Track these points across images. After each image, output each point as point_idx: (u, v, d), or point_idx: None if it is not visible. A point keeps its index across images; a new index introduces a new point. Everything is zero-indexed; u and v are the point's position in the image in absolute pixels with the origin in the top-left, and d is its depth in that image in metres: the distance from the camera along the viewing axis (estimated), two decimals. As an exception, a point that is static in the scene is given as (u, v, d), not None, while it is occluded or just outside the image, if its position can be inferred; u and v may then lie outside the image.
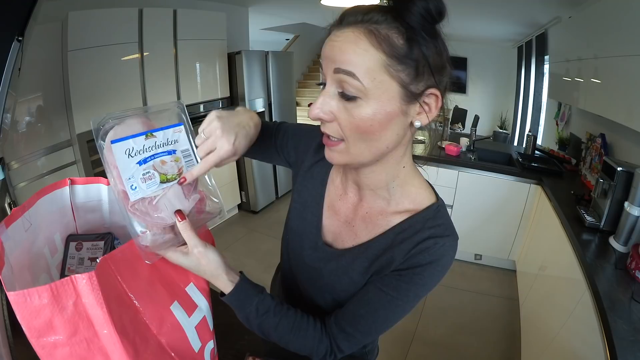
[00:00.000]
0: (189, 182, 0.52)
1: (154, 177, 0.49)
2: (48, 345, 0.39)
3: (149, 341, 0.47)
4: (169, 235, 0.51)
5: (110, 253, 0.44)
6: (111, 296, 0.41)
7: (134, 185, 0.47)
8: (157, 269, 0.51)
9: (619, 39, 1.64)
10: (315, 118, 0.48)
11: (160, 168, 0.50)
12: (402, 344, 1.97)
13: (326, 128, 0.49)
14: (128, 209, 0.47)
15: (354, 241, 0.59)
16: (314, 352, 0.57)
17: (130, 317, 0.44)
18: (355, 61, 0.43)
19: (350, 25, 0.44)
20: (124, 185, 0.47)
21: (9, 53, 0.79)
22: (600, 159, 2.07)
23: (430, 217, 0.54)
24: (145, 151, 0.49)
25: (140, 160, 0.48)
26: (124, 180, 0.47)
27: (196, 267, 0.52)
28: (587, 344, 1.15)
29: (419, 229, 0.53)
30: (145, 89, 2.42)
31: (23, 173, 1.80)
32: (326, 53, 0.46)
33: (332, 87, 0.46)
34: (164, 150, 0.51)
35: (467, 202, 2.60)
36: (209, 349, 0.58)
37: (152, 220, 0.48)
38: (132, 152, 0.48)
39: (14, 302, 0.35)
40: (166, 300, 0.50)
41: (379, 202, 0.57)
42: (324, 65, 0.47)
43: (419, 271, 0.52)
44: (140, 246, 0.48)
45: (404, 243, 0.53)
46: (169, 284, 0.52)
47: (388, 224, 0.56)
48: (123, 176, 0.47)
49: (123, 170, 0.47)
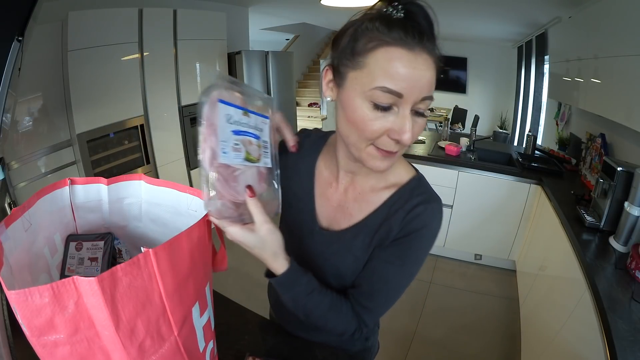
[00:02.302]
0: (270, 168, 0.54)
1: (241, 150, 0.49)
2: (49, 344, 0.39)
3: (165, 342, 0.46)
4: (235, 210, 0.51)
5: (156, 248, 0.41)
6: (129, 297, 0.40)
7: (225, 149, 0.47)
8: (194, 269, 0.49)
9: (619, 39, 1.64)
10: (411, 143, 0.51)
11: (247, 146, 0.50)
12: (402, 344, 1.97)
13: (396, 146, 0.52)
14: (212, 166, 0.47)
15: (349, 221, 0.64)
16: (346, 329, 0.62)
17: (149, 318, 0.43)
18: (433, 85, 0.50)
19: (423, 52, 0.47)
20: (217, 145, 0.47)
21: (9, 53, 0.79)
22: (600, 159, 2.07)
23: (415, 186, 0.61)
24: (240, 125, 0.50)
25: (235, 130, 0.49)
26: (219, 142, 0.47)
27: (260, 244, 0.52)
28: (587, 344, 1.15)
29: (408, 198, 0.59)
30: (145, 89, 2.42)
31: (23, 173, 1.80)
32: (414, 83, 0.47)
33: (410, 110, 0.49)
34: (253, 132, 0.52)
35: (467, 202, 2.60)
36: (209, 349, 0.58)
37: (228, 188, 0.48)
38: (230, 120, 0.48)
39: (14, 301, 0.35)
40: (192, 300, 0.50)
41: (371, 181, 0.63)
42: (407, 93, 0.47)
43: (415, 236, 0.58)
44: (206, 208, 0.48)
45: (397, 213, 0.59)
46: (198, 283, 0.51)
47: (379, 199, 0.62)
48: (220, 136, 0.47)
49: (221, 130, 0.47)
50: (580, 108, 2.27)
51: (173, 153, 2.76)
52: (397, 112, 0.49)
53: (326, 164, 0.68)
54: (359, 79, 0.49)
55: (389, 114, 0.49)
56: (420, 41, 0.46)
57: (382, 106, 0.48)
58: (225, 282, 2.28)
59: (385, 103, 0.48)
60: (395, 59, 0.46)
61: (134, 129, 2.42)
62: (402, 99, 0.47)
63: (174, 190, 0.63)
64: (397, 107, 0.48)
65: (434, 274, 2.63)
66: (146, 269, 0.41)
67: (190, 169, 2.92)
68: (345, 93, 0.51)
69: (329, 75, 0.55)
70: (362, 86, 0.48)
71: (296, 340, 0.79)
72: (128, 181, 0.66)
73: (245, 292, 2.01)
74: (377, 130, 0.50)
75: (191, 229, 0.47)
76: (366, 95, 0.48)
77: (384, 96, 0.47)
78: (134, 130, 2.42)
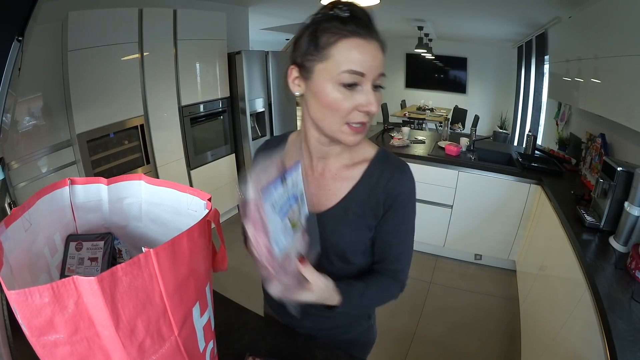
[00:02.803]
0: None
1: (288, 227, 0.50)
2: (49, 344, 0.39)
3: (165, 342, 0.46)
4: (293, 280, 0.56)
5: (157, 247, 0.42)
6: (129, 296, 0.40)
7: (277, 241, 0.47)
8: (195, 269, 0.50)
9: (619, 39, 1.64)
10: (377, 113, 0.61)
11: (292, 217, 0.51)
12: (402, 344, 1.97)
13: (364, 118, 0.61)
14: (270, 264, 0.47)
15: (335, 199, 0.71)
16: (394, 294, 0.75)
17: (150, 318, 0.43)
18: (384, 63, 0.61)
19: (373, 40, 0.59)
20: (269, 242, 0.46)
21: (9, 53, 0.79)
22: (600, 159, 2.07)
23: (383, 158, 0.72)
24: (282, 201, 0.49)
25: (282, 213, 0.49)
26: (271, 239, 0.46)
27: (320, 295, 0.63)
28: (587, 344, 1.15)
29: (383, 169, 0.70)
30: (145, 89, 2.42)
31: (23, 173, 1.80)
32: (371, 63, 0.58)
33: (371, 85, 0.59)
34: (292, 195, 0.52)
35: (467, 202, 2.60)
36: (209, 349, 0.58)
37: (284, 274, 0.50)
38: (275, 206, 0.48)
39: (15, 301, 0.35)
40: (192, 300, 0.50)
41: (342, 160, 0.72)
42: (367, 72, 0.58)
43: (403, 198, 0.70)
44: (273, 294, 0.51)
45: (379, 182, 0.69)
46: (198, 283, 0.51)
47: (357, 174, 0.71)
48: (271, 234, 0.46)
49: (273, 228, 0.46)
50: (580, 108, 2.27)
51: (173, 153, 2.76)
52: (362, 89, 0.59)
53: (292, 160, 0.71)
54: (327, 69, 0.59)
55: (355, 92, 0.59)
56: (368, 31, 0.58)
57: (349, 84, 0.58)
58: (225, 282, 2.27)
59: (350, 81, 0.58)
60: (354, 47, 0.57)
61: (134, 129, 2.42)
62: (364, 78, 0.58)
63: (174, 190, 0.63)
64: (361, 85, 0.59)
65: (433, 274, 2.63)
66: (147, 268, 0.41)
67: (190, 169, 2.92)
68: (314, 83, 0.61)
69: (295, 73, 0.64)
70: (330, 73, 0.58)
71: (296, 340, 0.79)
72: (128, 181, 0.66)
73: (245, 292, 2.01)
74: (348, 107, 0.59)
75: (192, 229, 0.47)
76: (335, 80, 0.58)
77: (349, 77, 0.58)
78: (134, 130, 2.42)
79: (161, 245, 0.42)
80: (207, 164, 3.07)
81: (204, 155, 3.04)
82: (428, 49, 5.79)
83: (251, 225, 0.48)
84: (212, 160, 3.13)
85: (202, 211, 0.59)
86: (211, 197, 0.58)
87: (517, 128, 5.05)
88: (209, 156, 3.10)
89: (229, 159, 3.30)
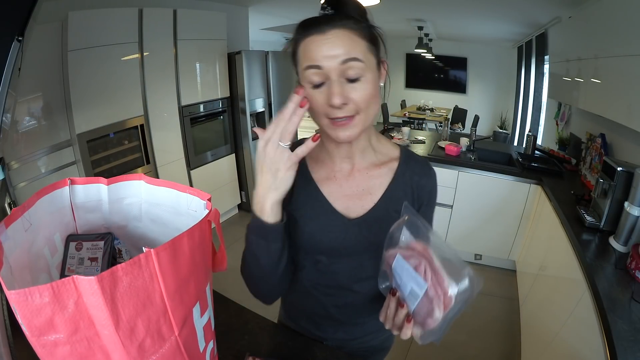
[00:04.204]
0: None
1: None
2: (49, 344, 0.39)
3: (165, 342, 0.46)
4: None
5: (158, 247, 0.42)
6: (129, 296, 0.40)
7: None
8: (195, 269, 0.50)
9: (619, 39, 1.64)
10: (341, 104, 0.57)
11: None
12: (402, 344, 1.97)
13: (343, 111, 0.58)
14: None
15: (373, 198, 0.70)
16: None
17: (150, 318, 0.43)
18: (356, 49, 0.57)
19: (333, 29, 0.56)
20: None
21: (9, 53, 0.78)
22: (600, 159, 2.07)
23: (409, 156, 0.74)
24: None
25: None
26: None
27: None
28: (587, 344, 1.15)
29: (413, 166, 0.72)
30: (145, 89, 2.42)
31: (23, 173, 1.80)
32: (325, 53, 0.56)
33: (338, 77, 0.57)
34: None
35: (467, 202, 2.60)
36: (209, 349, 0.58)
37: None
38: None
39: (14, 301, 0.35)
40: (193, 300, 0.50)
41: (369, 158, 0.72)
42: (324, 63, 0.56)
43: (433, 192, 0.75)
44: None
45: (413, 179, 0.71)
46: (198, 283, 0.51)
47: (389, 171, 0.72)
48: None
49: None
50: (580, 108, 2.27)
51: (173, 153, 2.76)
52: (328, 83, 0.57)
53: (317, 164, 0.72)
54: (299, 72, 0.61)
55: (324, 87, 0.58)
56: (329, 21, 0.56)
57: (317, 84, 0.58)
58: (225, 282, 2.27)
59: (317, 79, 0.58)
60: (308, 44, 0.57)
61: (134, 129, 2.42)
62: (324, 70, 0.57)
63: (174, 190, 0.63)
64: (328, 79, 0.57)
65: (434, 274, 2.63)
66: (147, 268, 0.41)
67: (190, 169, 2.92)
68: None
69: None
70: (301, 76, 0.60)
71: (296, 341, 0.79)
72: (128, 181, 0.66)
73: (245, 292, 2.00)
74: (319, 104, 0.59)
75: (192, 229, 0.47)
76: (305, 81, 0.59)
77: (311, 73, 0.57)
78: (134, 130, 2.42)
79: (162, 245, 0.42)
80: (207, 164, 3.08)
81: (204, 155, 3.04)
82: (428, 49, 5.79)
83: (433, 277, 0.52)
84: (212, 160, 3.13)
85: (202, 211, 0.59)
86: (211, 197, 0.58)
87: (517, 128, 5.06)
88: (209, 156, 3.10)
89: (229, 159, 3.30)
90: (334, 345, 0.81)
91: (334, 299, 0.76)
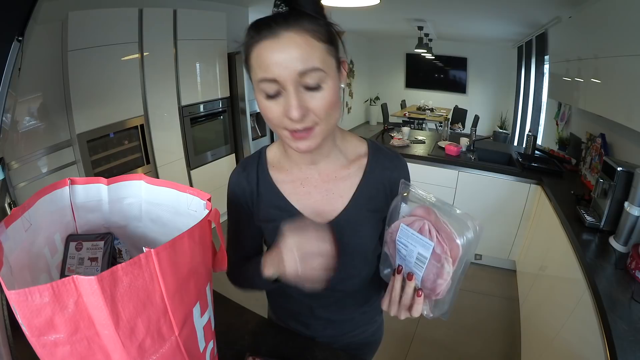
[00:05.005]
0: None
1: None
2: (49, 344, 0.39)
3: (165, 342, 0.46)
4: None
5: (158, 247, 0.41)
6: (129, 296, 0.40)
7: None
8: (195, 269, 0.49)
9: (619, 39, 1.64)
10: (300, 117, 0.53)
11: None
12: (402, 344, 1.97)
13: (301, 123, 0.54)
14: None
15: (343, 200, 0.69)
16: None
17: (150, 318, 0.43)
18: (314, 55, 0.51)
19: (287, 32, 0.50)
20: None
21: (9, 53, 0.79)
22: (600, 159, 2.06)
23: (376, 149, 0.72)
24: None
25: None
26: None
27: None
28: (587, 344, 1.15)
29: (381, 160, 0.70)
30: (145, 89, 2.42)
31: (23, 173, 1.80)
32: (280, 62, 0.50)
33: (296, 88, 0.52)
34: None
35: (467, 202, 2.60)
36: (209, 349, 0.58)
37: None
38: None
39: (14, 301, 0.35)
40: (193, 300, 0.50)
41: (337, 161, 0.69)
42: (279, 74, 0.51)
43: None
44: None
45: (384, 173, 0.69)
46: (199, 283, 0.51)
47: (358, 171, 0.69)
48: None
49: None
50: (580, 108, 2.27)
51: (173, 153, 2.76)
52: (285, 93, 0.53)
53: (283, 173, 0.71)
54: (253, 80, 0.56)
55: (280, 98, 0.53)
56: (284, 23, 0.51)
57: (270, 94, 0.53)
58: (225, 282, 2.27)
59: (271, 91, 0.53)
60: (261, 51, 0.52)
61: (134, 129, 2.42)
62: (280, 82, 0.51)
63: (174, 190, 0.63)
64: (284, 89, 0.52)
65: (434, 274, 2.63)
66: (147, 268, 0.41)
67: (190, 169, 2.92)
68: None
69: None
70: (255, 84, 0.55)
71: (296, 340, 0.79)
72: (128, 181, 0.66)
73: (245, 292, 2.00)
74: (275, 116, 0.55)
75: (193, 229, 0.47)
76: (258, 90, 0.55)
77: (266, 85, 0.53)
78: (134, 130, 2.42)
79: (162, 245, 0.42)
80: (207, 164, 3.08)
81: (204, 155, 3.04)
82: (428, 49, 5.79)
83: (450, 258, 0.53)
84: (212, 160, 3.13)
85: (202, 211, 0.59)
86: (211, 197, 0.58)
87: (517, 128, 5.05)
88: (209, 156, 3.10)
89: (229, 159, 3.30)
90: (325, 342, 0.82)
91: (318, 300, 0.77)
